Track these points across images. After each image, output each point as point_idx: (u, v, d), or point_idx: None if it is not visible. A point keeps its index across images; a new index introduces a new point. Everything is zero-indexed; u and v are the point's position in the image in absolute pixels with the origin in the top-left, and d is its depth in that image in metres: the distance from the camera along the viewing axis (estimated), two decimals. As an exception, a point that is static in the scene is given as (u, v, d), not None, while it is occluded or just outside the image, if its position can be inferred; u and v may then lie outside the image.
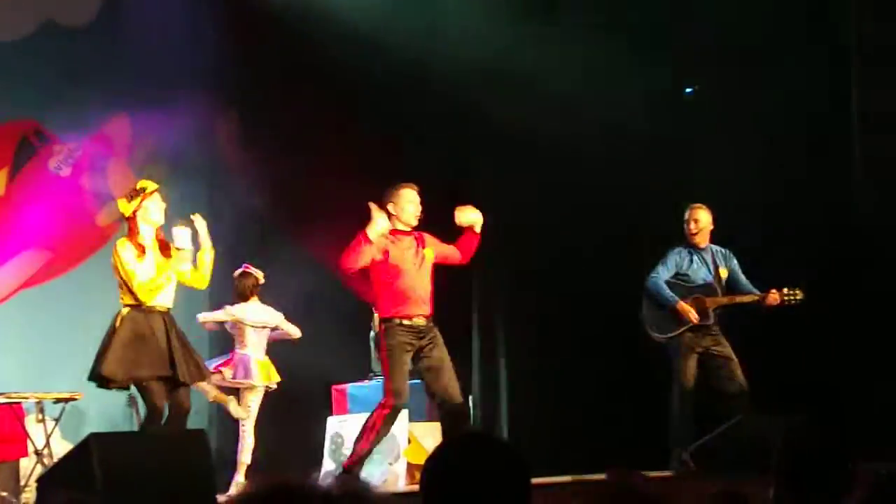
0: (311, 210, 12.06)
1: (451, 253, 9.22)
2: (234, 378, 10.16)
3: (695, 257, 10.12)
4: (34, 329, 11.42)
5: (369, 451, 8.95)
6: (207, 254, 9.00)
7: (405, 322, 8.88)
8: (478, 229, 9.16)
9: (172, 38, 12.00)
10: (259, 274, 10.47)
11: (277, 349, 10.52)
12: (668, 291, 10.03)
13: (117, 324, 8.54)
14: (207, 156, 12.77)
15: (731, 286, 10.16)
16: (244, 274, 10.46)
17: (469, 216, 9.13)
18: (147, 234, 8.72)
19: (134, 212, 8.67)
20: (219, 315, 10.36)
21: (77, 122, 11.95)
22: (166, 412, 8.57)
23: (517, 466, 3.07)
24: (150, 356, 8.48)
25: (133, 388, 8.97)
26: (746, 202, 10.98)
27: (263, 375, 10.19)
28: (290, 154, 12.16)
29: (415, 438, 10.26)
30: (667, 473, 9.55)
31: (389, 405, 8.82)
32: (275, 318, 10.43)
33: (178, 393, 8.61)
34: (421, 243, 9.11)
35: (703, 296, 10.03)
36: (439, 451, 3.18)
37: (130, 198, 8.71)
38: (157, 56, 11.96)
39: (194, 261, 8.92)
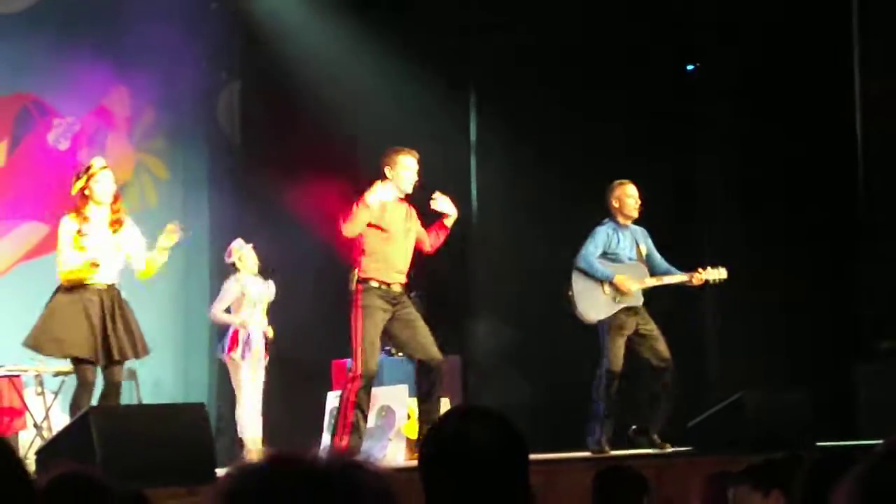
0: (312, 185, 12.04)
1: (423, 239, 9.14)
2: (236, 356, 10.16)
3: (620, 234, 9.87)
4: (33, 302, 11.36)
5: (360, 421, 8.86)
6: (161, 260, 8.94)
7: (382, 287, 8.80)
8: (449, 223, 9.08)
9: (173, 11, 11.96)
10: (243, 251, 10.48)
11: (278, 325, 10.51)
12: (602, 267, 9.75)
13: (53, 298, 8.58)
14: (207, 130, 12.76)
15: (649, 263, 9.97)
16: (249, 248, 10.50)
17: (445, 206, 9.01)
18: (95, 212, 8.70)
19: (81, 190, 8.68)
20: (231, 318, 10.36)
21: (76, 95, 11.93)
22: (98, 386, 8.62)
23: (515, 440, 3.07)
24: (80, 337, 8.50)
25: (134, 362, 9.03)
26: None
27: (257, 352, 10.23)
28: (291, 128, 12.14)
29: (414, 414, 10.26)
30: (666, 451, 9.55)
31: (359, 377, 8.75)
32: (271, 291, 10.49)
33: (111, 369, 8.61)
34: (408, 216, 9.04)
35: (631, 275, 9.90)
36: (438, 425, 3.17)
37: (78, 177, 8.74)
38: (157, 29, 11.92)
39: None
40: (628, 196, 9.84)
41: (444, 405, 10.02)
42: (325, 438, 10.62)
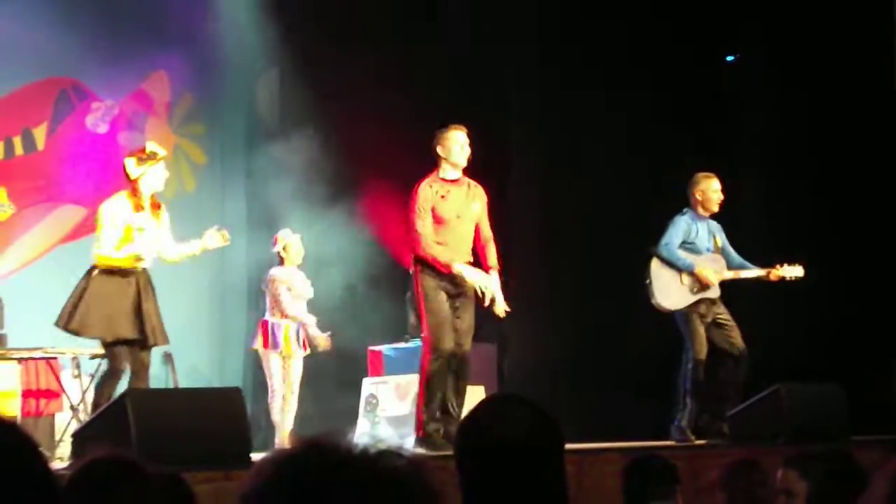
0: (349, 171, 12.06)
1: (483, 233, 8.82)
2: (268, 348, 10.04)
3: (698, 225, 9.92)
4: (71, 285, 11.42)
5: (436, 407, 8.65)
6: (191, 252, 8.94)
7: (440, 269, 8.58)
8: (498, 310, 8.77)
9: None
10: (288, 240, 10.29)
11: (317, 312, 10.42)
12: (684, 257, 9.81)
13: (92, 276, 8.55)
14: (246, 115, 12.78)
15: (723, 256, 9.99)
16: (297, 240, 10.27)
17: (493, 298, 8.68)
18: (145, 198, 8.69)
19: (139, 177, 8.62)
20: (285, 297, 10.19)
21: (115, 79, 11.98)
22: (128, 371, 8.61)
23: (550, 428, 3.06)
24: (123, 317, 8.47)
25: (170, 347, 9.01)
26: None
27: (291, 344, 10.06)
28: (330, 115, 12.15)
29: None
30: (699, 442, 9.53)
31: (433, 353, 8.56)
32: (309, 288, 10.29)
33: (144, 351, 8.61)
34: (472, 194, 8.77)
35: (710, 267, 9.88)
36: (473, 413, 3.17)
37: (140, 161, 8.66)
38: (197, 14, 11.96)
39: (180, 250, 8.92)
40: (713, 190, 9.87)
41: (480, 393, 10.02)
42: (361, 425, 10.64)
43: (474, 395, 9.83)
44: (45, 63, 11.74)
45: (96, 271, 8.58)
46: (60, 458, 9.31)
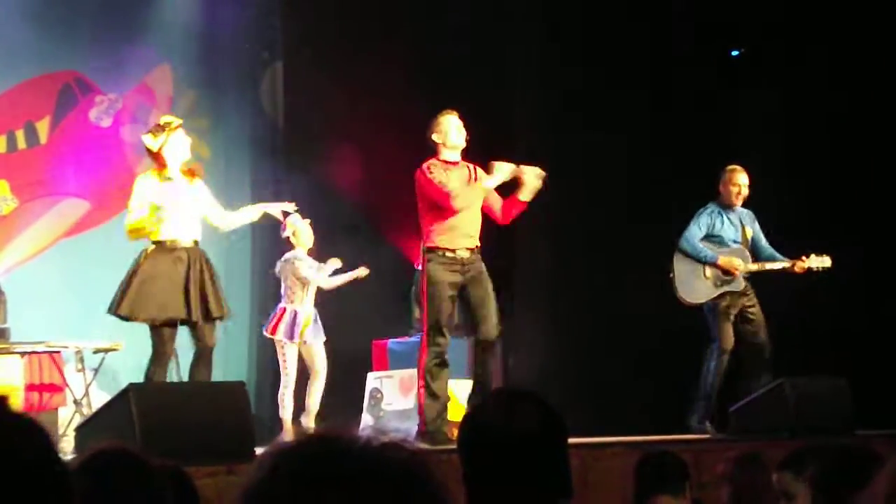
0: (356, 164, 12.05)
1: (495, 206, 8.81)
2: (286, 338, 9.98)
3: (725, 217, 9.93)
4: (74, 278, 11.45)
5: (440, 405, 8.64)
6: (248, 220, 8.94)
7: (448, 254, 8.57)
8: (525, 197, 8.67)
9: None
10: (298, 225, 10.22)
11: (322, 305, 10.39)
12: (705, 248, 9.83)
13: (141, 260, 8.47)
14: (250, 109, 12.76)
15: (754, 248, 10.00)
16: (306, 225, 10.21)
17: (532, 179, 8.60)
18: (174, 169, 8.63)
19: (161, 147, 8.58)
20: (326, 269, 10.17)
21: (119, 72, 11.97)
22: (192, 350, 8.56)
23: (555, 423, 3.05)
24: (161, 297, 8.36)
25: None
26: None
27: (305, 331, 10.01)
28: (334, 109, 12.13)
29: (453, 395, 10.24)
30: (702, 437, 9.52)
31: (430, 347, 8.56)
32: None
33: (200, 329, 8.54)
34: (475, 175, 8.74)
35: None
36: (477, 407, 3.16)
37: (156, 133, 8.61)
38: (200, 7, 11.94)
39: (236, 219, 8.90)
40: (733, 183, 9.89)
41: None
42: (365, 419, 10.63)
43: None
44: (49, 57, 11.73)
45: (145, 253, 8.48)
46: (63, 452, 9.31)
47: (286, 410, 9.93)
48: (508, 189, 8.77)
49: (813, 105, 11.50)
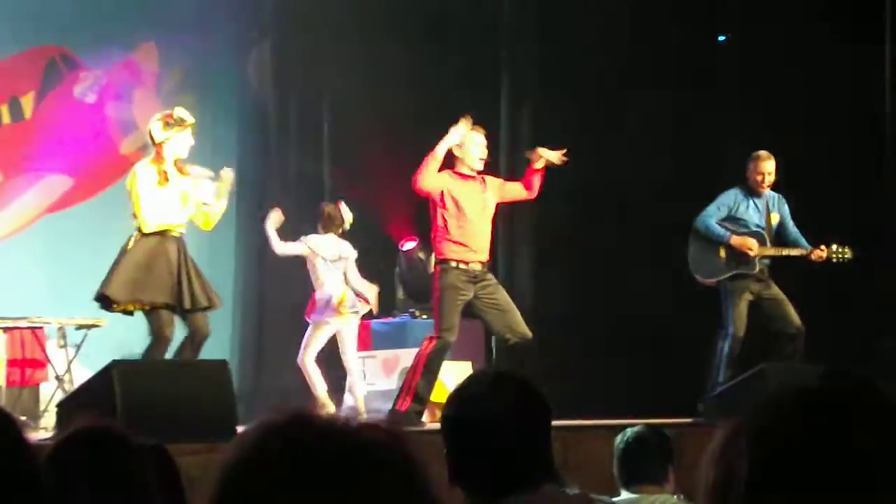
0: (345, 146, 12.02)
1: (518, 191, 9.04)
2: (318, 318, 9.94)
3: (750, 202, 9.87)
4: (57, 254, 11.42)
5: (425, 387, 8.77)
6: (221, 206, 8.93)
7: (461, 266, 8.74)
8: (539, 165, 8.87)
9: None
10: (348, 216, 10.20)
11: (304, 286, 10.33)
12: (719, 228, 9.76)
13: (130, 245, 8.47)
14: (237, 88, 12.72)
15: (780, 232, 9.94)
16: (334, 207, 10.16)
17: (548, 154, 8.86)
18: (169, 162, 8.64)
19: (164, 141, 8.58)
20: (296, 247, 10.06)
21: (104, 48, 11.92)
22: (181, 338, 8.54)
23: (538, 404, 3.05)
24: (158, 281, 8.38)
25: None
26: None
27: (343, 310, 9.95)
28: (322, 87, 12.10)
29: (440, 379, 10.25)
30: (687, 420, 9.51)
31: (437, 338, 8.71)
32: (348, 251, 10.15)
33: (195, 318, 8.54)
34: (484, 188, 8.90)
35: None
36: (462, 387, 3.16)
37: (166, 126, 8.60)
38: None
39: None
40: (757, 171, 9.83)
41: (468, 369, 10.00)
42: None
43: (462, 370, 9.85)
44: (34, 31, 11.69)
45: (134, 238, 8.50)
46: (45, 427, 9.30)
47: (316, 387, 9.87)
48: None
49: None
